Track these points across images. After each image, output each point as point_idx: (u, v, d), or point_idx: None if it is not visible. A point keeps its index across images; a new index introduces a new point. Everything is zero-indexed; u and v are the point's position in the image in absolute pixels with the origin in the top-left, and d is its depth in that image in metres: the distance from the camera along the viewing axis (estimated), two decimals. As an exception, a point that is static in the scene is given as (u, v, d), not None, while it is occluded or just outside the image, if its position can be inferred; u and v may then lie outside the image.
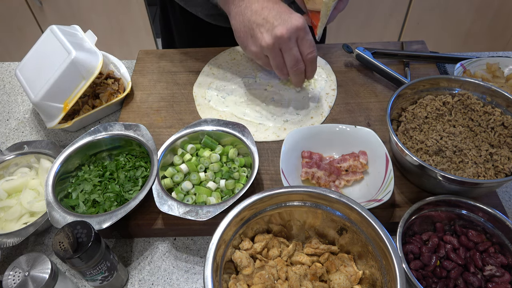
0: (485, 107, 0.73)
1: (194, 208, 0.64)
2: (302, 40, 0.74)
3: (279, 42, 0.72)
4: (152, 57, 1.00)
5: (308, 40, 0.75)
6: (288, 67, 0.77)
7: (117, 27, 2.07)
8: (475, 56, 0.94)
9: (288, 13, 0.73)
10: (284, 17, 0.72)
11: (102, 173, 0.74)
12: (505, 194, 0.76)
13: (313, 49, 0.76)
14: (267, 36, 0.72)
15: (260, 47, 0.74)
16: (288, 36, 0.72)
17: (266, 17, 0.72)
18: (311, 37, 0.75)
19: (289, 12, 0.74)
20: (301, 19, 0.73)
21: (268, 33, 0.72)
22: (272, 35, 0.72)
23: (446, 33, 2.12)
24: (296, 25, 0.72)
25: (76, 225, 0.56)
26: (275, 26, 0.72)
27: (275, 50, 0.74)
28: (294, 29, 0.72)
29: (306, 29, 0.74)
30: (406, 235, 0.64)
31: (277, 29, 0.71)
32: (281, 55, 0.75)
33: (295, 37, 0.73)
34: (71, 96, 0.82)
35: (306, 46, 0.75)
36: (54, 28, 0.87)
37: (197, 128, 0.76)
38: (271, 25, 0.72)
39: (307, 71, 0.79)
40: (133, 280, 0.67)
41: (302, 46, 0.75)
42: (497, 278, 0.58)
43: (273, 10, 0.73)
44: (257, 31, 0.73)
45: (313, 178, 0.72)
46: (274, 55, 0.75)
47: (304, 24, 0.73)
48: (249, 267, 0.57)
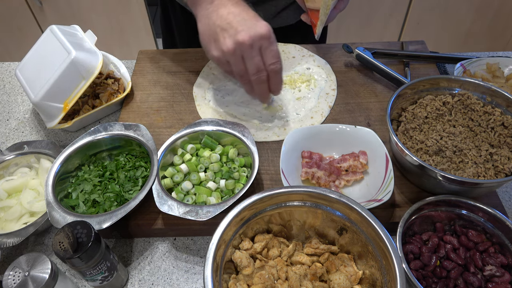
0: (485, 107, 0.73)
1: (194, 208, 0.64)
2: (266, 49, 0.71)
3: (241, 48, 0.69)
4: (152, 57, 1.00)
5: (272, 50, 0.72)
6: (250, 75, 0.73)
7: (117, 27, 2.07)
8: (475, 56, 0.94)
9: (254, 20, 0.71)
10: (249, 24, 0.70)
11: (102, 173, 0.74)
12: (505, 194, 0.76)
13: (276, 60, 0.72)
14: (229, 41, 0.70)
15: (222, 52, 0.72)
16: (250, 43, 0.69)
17: (230, 22, 0.70)
18: (276, 48, 0.72)
19: (255, 19, 0.71)
20: (267, 27, 0.70)
21: (231, 38, 0.70)
22: (234, 40, 0.69)
23: (446, 33, 2.12)
24: (260, 33, 0.69)
25: (76, 225, 0.56)
26: (238, 32, 0.69)
27: (236, 56, 0.71)
28: (258, 36, 0.69)
29: (271, 39, 0.71)
30: (406, 235, 0.64)
31: (239, 35, 0.69)
32: (243, 62, 0.72)
33: (258, 45, 0.70)
34: (71, 96, 0.82)
35: (270, 56, 0.72)
36: (54, 28, 0.87)
37: (197, 128, 0.76)
38: (235, 30, 0.69)
39: (271, 83, 0.76)
40: (133, 280, 0.67)
41: (265, 56, 0.72)
42: (497, 278, 0.58)
43: (239, 16, 0.71)
44: (220, 35, 0.71)
45: (313, 178, 0.72)
46: (235, 61, 0.72)
47: (269, 33, 0.70)
48: (249, 267, 0.57)
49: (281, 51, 0.98)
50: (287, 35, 1.03)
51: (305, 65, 0.95)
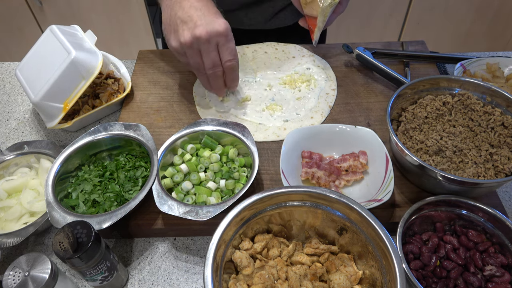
0: (485, 107, 0.73)
1: (194, 208, 0.64)
2: (223, 46, 0.74)
3: (198, 42, 0.72)
4: (152, 57, 1.00)
5: (228, 47, 0.74)
6: (206, 68, 0.76)
7: (117, 27, 2.07)
8: (475, 56, 0.94)
9: (213, 16, 0.73)
10: (208, 19, 0.72)
11: (102, 173, 0.74)
12: (505, 194, 0.76)
13: (232, 58, 0.75)
14: (187, 34, 0.72)
15: (179, 43, 0.74)
16: (207, 38, 0.71)
17: (191, 15, 0.72)
18: (233, 45, 0.75)
19: (215, 15, 0.73)
20: (225, 25, 0.72)
21: (189, 31, 0.72)
22: (191, 33, 0.72)
23: (446, 33, 2.12)
24: (217, 30, 0.71)
25: (76, 225, 0.56)
26: (197, 26, 0.71)
27: (193, 50, 0.74)
28: (215, 33, 0.71)
29: (228, 36, 0.73)
30: (406, 235, 0.64)
31: (197, 29, 0.71)
32: (200, 56, 0.75)
33: (215, 41, 0.73)
34: (71, 96, 0.82)
35: (226, 53, 0.75)
36: (54, 28, 0.87)
37: (197, 128, 0.76)
38: (194, 24, 0.72)
39: (227, 79, 0.79)
40: (133, 280, 0.67)
41: (221, 53, 0.75)
42: (497, 278, 0.58)
43: (200, 11, 0.73)
44: (180, 27, 0.73)
45: (313, 178, 0.72)
46: (191, 54, 0.75)
47: (227, 30, 0.73)
48: (249, 267, 0.57)
49: (281, 51, 0.99)
50: (285, 36, 1.03)
51: (305, 65, 0.95)
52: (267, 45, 1.00)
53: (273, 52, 0.98)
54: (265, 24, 1.03)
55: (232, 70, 0.77)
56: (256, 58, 0.97)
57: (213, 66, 0.76)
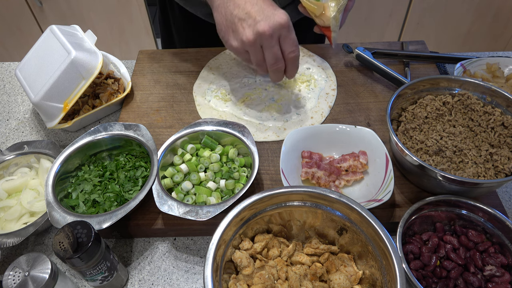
0: (485, 107, 0.73)
1: (194, 208, 0.64)
2: (285, 38, 0.72)
3: (261, 38, 0.70)
4: (152, 57, 1.00)
5: (291, 38, 0.72)
6: (268, 64, 0.75)
7: (117, 27, 2.07)
8: (475, 56, 0.94)
9: (272, 9, 0.70)
10: (268, 13, 0.70)
11: (102, 173, 0.74)
12: (505, 194, 0.76)
13: (295, 48, 0.73)
14: (249, 32, 0.70)
15: (241, 42, 0.72)
16: (270, 33, 0.69)
17: (249, 12, 0.70)
18: (294, 36, 0.73)
19: (273, 8, 0.71)
20: (285, 16, 0.70)
21: (250, 29, 0.70)
22: (254, 30, 0.69)
23: (446, 33, 2.12)
24: (279, 22, 0.69)
25: (76, 225, 0.56)
26: (257, 22, 0.69)
27: (256, 46, 0.72)
28: (278, 26, 0.69)
29: (289, 27, 0.71)
30: (406, 235, 0.64)
31: (259, 25, 0.69)
32: (262, 52, 0.73)
33: (277, 34, 0.70)
34: (71, 96, 0.82)
35: (289, 45, 0.73)
36: (54, 28, 0.87)
37: (197, 128, 0.76)
38: (254, 20, 0.69)
39: (288, 70, 0.77)
40: (133, 280, 0.67)
41: (284, 45, 0.73)
42: (497, 278, 0.58)
43: (257, 5, 0.70)
44: (239, 25, 0.71)
45: (313, 178, 0.72)
46: (254, 51, 0.73)
47: (288, 21, 0.70)
48: (249, 267, 0.57)
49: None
50: None
51: (305, 65, 0.95)
52: (267, 45, 1.00)
53: (273, 52, 0.98)
54: None
55: (295, 60, 0.75)
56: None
57: (276, 61, 0.74)
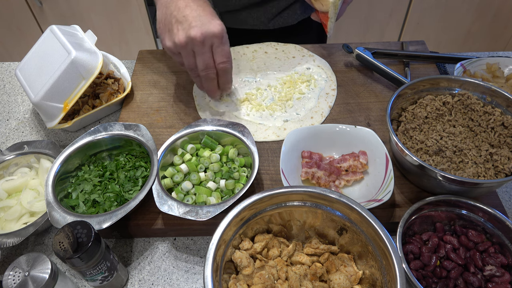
0: (485, 107, 0.73)
1: (194, 208, 0.64)
2: (217, 48, 0.73)
3: (192, 43, 0.72)
4: (152, 57, 1.00)
5: (223, 49, 0.74)
6: (199, 70, 0.76)
7: (117, 27, 2.07)
8: (475, 56, 0.94)
9: (209, 18, 0.72)
10: (204, 20, 0.72)
11: (102, 173, 0.74)
12: (505, 194, 0.76)
13: (226, 60, 0.75)
14: (182, 34, 0.72)
15: (174, 44, 0.74)
16: (201, 40, 0.71)
17: (186, 16, 0.72)
18: (227, 47, 0.75)
19: (211, 16, 0.73)
20: (220, 27, 0.72)
21: (184, 32, 0.72)
22: (186, 34, 0.71)
23: (446, 33, 2.12)
24: (212, 31, 0.71)
25: (76, 225, 0.56)
26: (192, 27, 0.71)
27: (187, 50, 0.74)
28: (210, 34, 0.71)
29: (223, 38, 0.73)
30: (406, 235, 0.64)
31: (192, 30, 0.71)
32: (194, 57, 0.75)
33: (209, 42, 0.72)
34: (71, 96, 0.82)
35: (220, 55, 0.74)
36: (54, 28, 0.87)
37: (197, 128, 0.76)
38: (189, 24, 0.71)
39: (220, 81, 0.79)
40: (133, 280, 0.67)
41: (215, 54, 0.74)
42: (497, 278, 0.58)
43: (195, 11, 0.73)
44: (174, 27, 0.73)
45: (313, 178, 0.72)
46: (185, 55, 0.75)
47: (222, 32, 0.72)
48: (249, 267, 0.57)
49: (281, 51, 0.99)
50: (288, 36, 1.03)
51: (305, 65, 0.95)
52: (267, 45, 1.00)
53: (273, 52, 0.98)
54: (268, 24, 1.03)
55: (225, 72, 0.77)
56: (256, 58, 0.97)
57: (206, 67, 0.75)
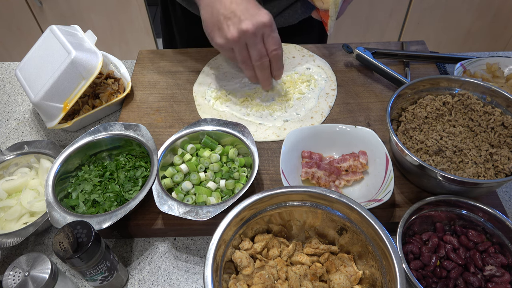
0: (485, 107, 0.73)
1: (194, 208, 0.64)
2: (268, 37, 0.75)
3: (245, 36, 0.73)
4: (152, 57, 1.00)
5: (274, 37, 0.76)
6: (253, 61, 0.78)
7: (117, 27, 2.07)
8: (475, 56, 0.94)
9: (256, 9, 0.74)
10: (252, 12, 0.73)
11: (102, 173, 0.74)
12: (505, 194, 0.76)
13: (278, 47, 0.77)
14: (233, 30, 0.73)
15: (226, 40, 0.75)
16: (253, 32, 0.73)
17: (234, 11, 0.73)
18: (277, 35, 0.77)
19: (257, 7, 0.74)
20: (268, 16, 0.74)
21: (235, 27, 0.73)
22: (238, 29, 0.73)
23: (446, 33, 2.12)
24: (262, 21, 0.73)
25: (76, 225, 0.56)
26: (241, 20, 0.72)
27: (240, 44, 0.75)
28: (261, 25, 0.73)
29: (272, 26, 0.75)
30: (406, 235, 0.64)
31: (243, 24, 0.72)
32: (247, 49, 0.76)
33: (261, 33, 0.74)
34: (71, 96, 0.82)
35: (272, 43, 0.76)
36: (54, 28, 0.87)
37: (197, 128, 0.76)
38: (238, 19, 0.73)
39: (273, 68, 0.81)
40: (133, 280, 0.67)
41: (267, 43, 0.76)
42: (497, 278, 0.58)
43: (241, 5, 0.74)
44: (224, 23, 0.74)
45: (313, 178, 0.72)
46: (239, 49, 0.76)
47: (271, 21, 0.74)
48: (249, 267, 0.57)
49: (281, 51, 0.98)
50: (288, 35, 1.03)
51: (305, 65, 0.95)
52: (267, 45, 1.00)
53: (273, 52, 0.98)
54: None
55: (278, 58, 0.79)
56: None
57: (260, 57, 0.77)
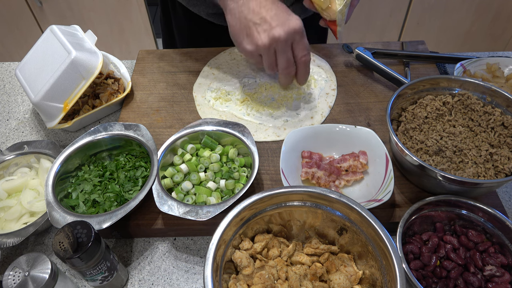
0: (485, 107, 0.73)
1: (194, 208, 0.64)
2: (298, 43, 0.74)
3: (276, 43, 0.72)
4: (152, 57, 1.00)
5: (303, 43, 0.74)
6: (280, 68, 0.76)
7: (117, 27, 2.07)
8: (475, 56, 0.94)
9: (286, 14, 0.72)
10: (282, 19, 0.71)
11: (102, 173, 0.74)
12: (505, 194, 0.76)
13: (306, 52, 0.76)
14: (264, 36, 0.71)
15: (256, 46, 0.73)
16: (285, 38, 0.71)
17: (264, 17, 0.72)
18: (306, 41, 0.75)
19: (287, 13, 0.73)
20: (299, 21, 0.72)
21: (266, 33, 0.71)
22: (269, 35, 0.71)
23: (446, 33, 2.12)
24: (294, 28, 0.71)
25: (76, 225, 0.56)
26: (273, 27, 0.71)
27: (270, 51, 0.73)
28: (292, 31, 0.71)
29: (303, 32, 0.73)
30: (406, 235, 0.64)
31: (275, 30, 0.71)
32: (275, 56, 0.75)
33: (291, 39, 0.72)
34: (71, 96, 0.82)
35: (301, 49, 0.74)
36: (54, 28, 0.87)
37: (197, 128, 0.76)
38: (269, 25, 0.71)
39: (299, 74, 0.79)
40: (133, 280, 0.67)
41: (296, 49, 0.74)
42: (497, 278, 0.58)
43: (271, 10, 0.72)
44: (253, 30, 0.72)
45: (313, 178, 0.72)
46: (268, 56, 0.74)
47: (301, 26, 0.73)
48: (249, 267, 0.57)
49: (281, 51, 0.98)
50: None
51: (305, 65, 0.95)
52: (267, 45, 1.00)
53: (273, 52, 0.98)
54: None
55: (306, 64, 0.77)
56: (256, 58, 0.97)
57: (288, 66, 0.76)
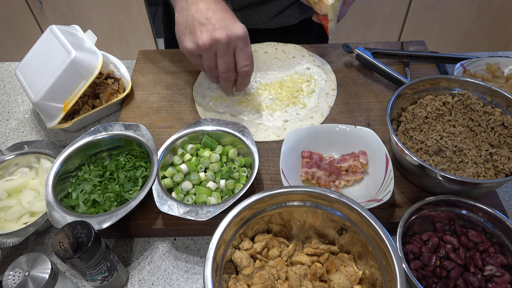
0: (485, 107, 0.73)
1: (194, 208, 0.64)
2: (240, 50, 0.73)
3: (216, 45, 0.71)
4: (152, 57, 1.00)
5: (246, 51, 0.74)
6: (219, 72, 0.76)
7: (117, 27, 2.07)
8: (475, 56, 0.94)
9: (232, 20, 0.72)
10: (227, 23, 0.71)
11: (102, 173, 0.74)
12: (505, 194, 0.76)
13: (249, 63, 0.75)
14: (206, 36, 0.71)
15: (197, 45, 0.73)
16: (226, 42, 0.71)
17: (209, 18, 0.72)
18: (250, 50, 0.74)
19: (233, 19, 0.73)
20: (244, 29, 0.72)
21: (208, 34, 0.71)
22: (211, 36, 0.71)
23: (446, 33, 2.12)
24: (237, 33, 0.71)
25: (76, 225, 0.56)
26: (216, 29, 0.71)
27: (210, 52, 0.73)
28: (235, 36, 0.71)
29: (246, 40, 0.73)
30: (406, 235, 0.64)
31: (217, 32, 0.70)
32: (215, 58, 0.74)
33: (233, 45, 0.72)
34: (71, 96, 0.82)
35: (243, 58, 0.74)
36: (54, 28, 0.87)
37: (197, 128, 0.76)
38: (213, 26, 0.71)
39: (238, 82, 0.79)
40: (133, 280, 0.67)
41: (238, 57, 0.74)
42: (497, 278, 0.58)
43: (218, 14, 0.72)
44: (197, 29, 0.72)
45: (313, 178, 0.72)
46: (208, 57, 0.74)
47: (245, 34, 0.72)
48: (249, 267, 0.57)
49: (281, 51, 0.99)
50: (288, 35, 1.03)
51: (305, 65, 0.95)
52: (267, 45, 1.00)
53: (273, 52, 0.98)
54: (269, 23, 1.03)
55: (247, 75, 0.77)
56: (256, 58, 0.97)
57: (227, 70, 0.75)
